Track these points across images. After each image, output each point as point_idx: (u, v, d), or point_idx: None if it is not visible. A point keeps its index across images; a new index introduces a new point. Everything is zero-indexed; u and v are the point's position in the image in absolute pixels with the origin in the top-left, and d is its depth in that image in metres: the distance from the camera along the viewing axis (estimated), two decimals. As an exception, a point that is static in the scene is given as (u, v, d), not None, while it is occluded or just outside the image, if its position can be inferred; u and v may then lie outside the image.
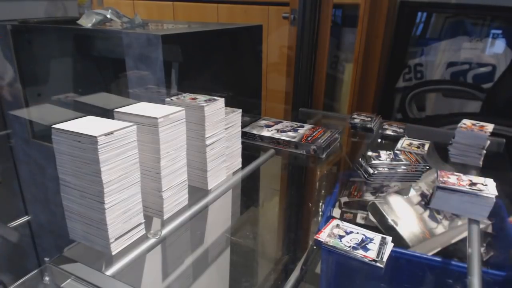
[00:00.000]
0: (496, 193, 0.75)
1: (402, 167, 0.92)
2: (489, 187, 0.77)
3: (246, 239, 1.18)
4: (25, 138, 1.43)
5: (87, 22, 1.25)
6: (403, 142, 1.14)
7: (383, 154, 0.96)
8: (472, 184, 0.78)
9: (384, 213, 0.83)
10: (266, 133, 1.16)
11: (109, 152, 0.60)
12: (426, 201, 0.86)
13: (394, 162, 0.93)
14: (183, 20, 2.23)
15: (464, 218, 0.83)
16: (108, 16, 1.29)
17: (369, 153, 0.96)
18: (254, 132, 1.16)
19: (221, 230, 1.03)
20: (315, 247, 0.74)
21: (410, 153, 1.01)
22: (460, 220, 0.84)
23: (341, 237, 0.72)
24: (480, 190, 0.76)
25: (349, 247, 0.69)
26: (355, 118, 1.33)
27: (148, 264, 0.73)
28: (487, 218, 0.85)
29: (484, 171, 1.00)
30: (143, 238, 0.70)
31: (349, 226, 0.76)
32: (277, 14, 1.91)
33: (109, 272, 0.63)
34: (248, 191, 1.08)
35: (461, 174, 0.82)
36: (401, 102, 1.91)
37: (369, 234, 0.73)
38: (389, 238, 0.72)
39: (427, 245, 0.78)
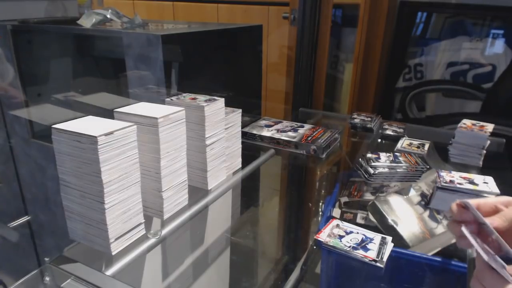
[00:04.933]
0: (498, 192, 0.75)
1: (403, 167, 0.92)
2: (490, 186, 0.77)
3: (246, 239, 1.18)
4: (25, 138, 1.43)
5: (87, 22, 1.25)
6: (403, 142, 1.14)
7: (383, 156, 0.96)
8: (472, 182, 0.78)
9: (384, 213, 0.83)
10: (266, 133, 1.16)
11: (109, 152, 0.60)
12: (426, 201, 0.86)
13: (393, 164, 0.93)
14: (183, 20, 2.23)
15: (464, 218, 0.83)
16: (108, 16, 1.29)
17: (369, 155, 0.96)
18: (254, 132, 1.16)
19: (221, 230, 1.03)
20: (315, 247, 0.74)
21: (410, 154, 1.01)
22: (460, 220, 0.84)
23: (341, 237, 0.72)
24: (481, 191, 0.76)
25: (349, 247, 0.69)
26: (355, 118, 1.33)
27: (148, 264, 0.73)
28: (487, 218, 0.85)
29: (484, 171, 1.00)
30: (143, 238, 0.70)
31: (349, 226, 0.76)
32: (277, 14, 1.91)
33: (109, 272, 0.63)
34: (248, 191, 1.08)
35: (460, 173, 0.82)
36: (401, 102, 1.91)
37: (369, 234, 0.73)
38: (389, 238, 0.72)
39: (427, 245, 0.78)
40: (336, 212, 0.95)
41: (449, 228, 0.50)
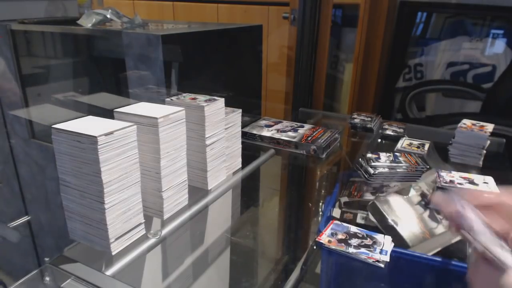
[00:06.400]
0: (498, 192, 0.75)
1: (403, 167, 0.92)
2: (489, 186, 0.77)
3: (246, 239, 1.18)
4: (25, 138, 1.43)
5: (87, 22, 1.25)
6: (403, 142, 1.14)
7: (383, 156, 0.96)
8: (472, 182, 0.78)
9: (384, 213, 0.83)
10: (266, 133, 1.16)
11: (109, 152, 0.60)
12: (426, 201, 0.86)
13: (393, 164, 0.93)
14: (183, 20, 2.23)
15: (464, 218, 0.83)
16: (108, 16, 1.29)
17: (369, 155, 0.96)
18: (254, 132, 1.16)
19: (221, 230, 1.03)
20: (315, 247, 0.74)
21: (410, 154, 1.00)
22: (460, 220, 0.84)
23: (342, 238, 0.72)
24: (481, 191, 0.76)
25: (350, 247, 0.69)
26: (355, 118, 1.33)
27: (148, 264, 0.73)
28: (487, 218, 0.85)
29: (484, 171, 1.00)
30: (143, 238, 0.70)
31: (349, 227, 0.76)
32: (277, 14, 1.91)
33: (109, 272, 0.63)
34: (248, 191, 1.08)
35: (460, 173, 0.82)
36: (401, 102, 1.91)
37: (369, 234, 0.73)
38: (389, 238, 0.72)
39: (427, 245, 0.78)
40: (336, 212, 0.95)
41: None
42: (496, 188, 0.77)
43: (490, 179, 0.80)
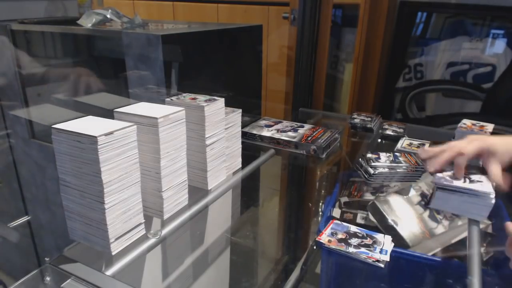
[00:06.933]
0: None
1: (403, 167, 0.92)
2: (489, 185, 0.77)
3: (246, 239, 1.18)
4: (25, 138, 1.43)
5: (87, 22, 1.25)
6: (403, 142, 1.14)
7: (383, 156, 0.96)
8: (472, 181, 0.78)
9: (384, 213, 0.83)
10: (266, 133, 1.16)
11: (109, 152, 0.60)
12: (426, 201, 0.86)
13: (393, 164, 0.93)
14: (183, 20, 2.23)
15: (464, 218, 0.83)
16: (108, 16, 1.29)
17: (369, 155, 0.96)
18: (254, 132, 1.16)
19: (221, 230, 1.03)
20: (315, 247, 0.74)
21: (410, 154, 1.00)
22: (460, 220, 0.84)
23: (342, 238, 0.72)
24: (480, 191, 0.76)
25: (350, 247, 0.69)
26: (355, 118, 1.33)
27: (148, 264, 0.73)
28: (487, 218, 0.85)
29: (484, 171, 1.00)
30: (143, 238, 0.70)
31: (349, 226, 0.76)
32: (277, 14, 1.91)
33: (109, 272, 0.63)
34: (248, 191, 1.08)
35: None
36: (401, 102, 1.91)
37: (369, 234, 0.73)
38: (389, 238, 0.72)
39: (427, 245, 0.78)
40: (336, 212, 0.95)
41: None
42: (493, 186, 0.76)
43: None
